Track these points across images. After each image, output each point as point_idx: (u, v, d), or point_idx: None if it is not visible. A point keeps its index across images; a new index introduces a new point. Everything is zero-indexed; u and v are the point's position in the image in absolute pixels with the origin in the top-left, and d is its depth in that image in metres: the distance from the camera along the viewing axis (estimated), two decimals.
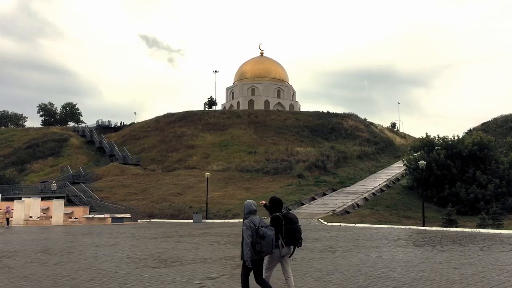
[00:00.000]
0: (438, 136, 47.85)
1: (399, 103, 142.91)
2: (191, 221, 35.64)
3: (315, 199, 43.29)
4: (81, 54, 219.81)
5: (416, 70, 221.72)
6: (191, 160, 59.17)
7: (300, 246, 7.29)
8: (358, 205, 40.25)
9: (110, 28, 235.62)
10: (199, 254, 14.48)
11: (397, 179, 50.75)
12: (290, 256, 7.32)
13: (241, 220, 35.14)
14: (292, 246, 7.19)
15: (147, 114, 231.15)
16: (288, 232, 7.08)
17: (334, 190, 46.89)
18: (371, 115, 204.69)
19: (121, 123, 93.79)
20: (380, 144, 69.35)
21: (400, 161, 52.32)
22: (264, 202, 7.85)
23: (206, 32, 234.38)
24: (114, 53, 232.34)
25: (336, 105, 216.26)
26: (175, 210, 40.65)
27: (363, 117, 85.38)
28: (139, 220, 37.57)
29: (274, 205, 7.51)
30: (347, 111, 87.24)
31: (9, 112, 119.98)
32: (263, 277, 7.22)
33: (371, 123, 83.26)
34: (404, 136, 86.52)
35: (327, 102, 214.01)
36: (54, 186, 47.68)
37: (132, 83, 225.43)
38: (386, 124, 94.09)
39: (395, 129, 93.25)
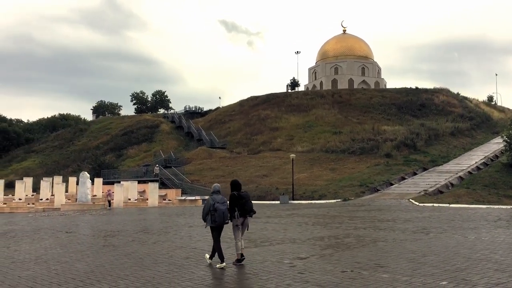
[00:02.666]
0: None
1: (496, 75, 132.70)
2: (278, 202, 36.06)
3: (405, 179, 41.75)
4: (165, 43, 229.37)
5: None
6: (276, 142, 59.62)
7: (251, 216, 9.56)
8: (452, 185, 38.20)
9: (190, 16, 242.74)
10: (288, 235, 14.62)
11: (496, 156, 47.32)
12: (243, 224, 9.46)
13: (327, 201, 34.97)
14: (247, 216, 9.45)
15: (230, 98, 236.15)
16: (240, 206, 9.33)
17: (425, 169, 44.89)
18: (464, 89, 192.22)
19: (204, 110, 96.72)
20: (475, 119, 64.98)
21: (499, 136, 48.71)
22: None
23: (285, 12, 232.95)
24: (195, 40, 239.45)
25: (424, 79, 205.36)
26: (262, 191, 41.32)
27: (455, 92, 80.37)
28: None
29: (233, 186, 9.58)
30: (436, 86, 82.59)
31: (106, 102, 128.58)
32: (236, 241, 9.55)
33: (465, 98, 78.07)
34: (502, 110, 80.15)
35: (414, 77, 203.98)
36: (156, 169, 50.22)
37: (213, 68, 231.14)
38: (482, 97, 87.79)
39: (493, 103, 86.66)
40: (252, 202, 10.07)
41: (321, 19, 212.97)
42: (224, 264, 9.23)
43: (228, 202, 9.43)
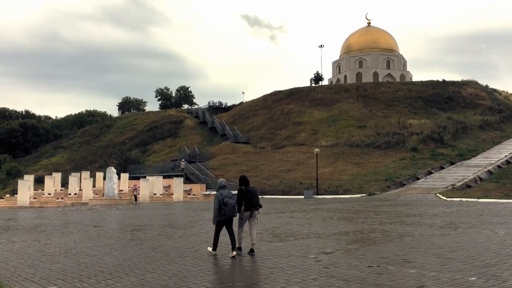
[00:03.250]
0: None
1: None
2: (302, 197, 35.96)
3: (432, 173, 41.05)
4: (188, 38, 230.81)
5: None
6: (300, 136, 59.38)
7: (257, 210, 10.04)
8: (480, 179, 37.39)
9: (213, 11, 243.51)
10: (313, 229, 14.58)
11: None
12: (251, 217, 10.05)
13: (352, 195, 34.72)
14: (253, 210, 9.98)
15: (253, 93, 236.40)
16: (247, 200, 9.88)
17: (452, 163, 44.03)
18: (492, 81, 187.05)
19: (228, 105, 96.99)
20: (504, 112, 63.26)
21: None
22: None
23: (308, 6, 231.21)
24: (218, 35, 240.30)
25: (451, 72, 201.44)
26: (286, 186, 41.25)
27: (483, 84, 78.38)
28: None
29: (241, 181, 10.23)
30: (464, 78, 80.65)
31: (131, 98, 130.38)
32: (237, 232, 10.19)
33: (494, 90, 76.14)
34: None
35: (440, 70, 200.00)
36: (183, 164, 50.72)
37: (236, 63, 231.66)
38: (511, 90, 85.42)
39: None
40: (276, 197, 10.17)
41: (345, 12, 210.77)
42: (214, 251, 10.06)
43: (236, 196, 10.02)
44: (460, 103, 66.45)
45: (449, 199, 29.15)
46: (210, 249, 10.26)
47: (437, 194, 31.60)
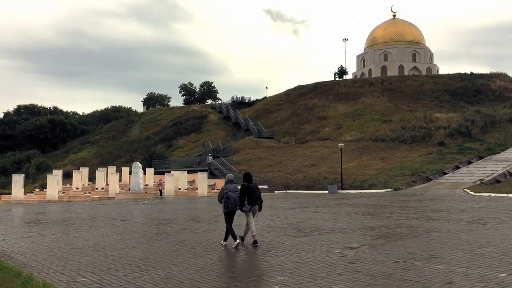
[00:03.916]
0: None
1: None
2: (326, 192, 35.77)
3: (459, 168, 40.26)
4: (210, 34, 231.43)
5: None
6: (324, 131, 59.00)
7: (257, 205, 10.61)
8: (510, 174, 36.49)
9: (235, 6, 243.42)
10: (337, 224, 14.49)
11: None
12: (250, 211, 10.60)
13: (377, 190, 34.36)
14: (253, 204, 10.55)
15: (276, 87, 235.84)
16: (249, 195, 10.47)
17: (481, 157, 43.09)
18: None
19: (251, 100, 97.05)
20: None
21: None
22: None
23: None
24: (240, 30, 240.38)
25: (478, 64, 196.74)
26: (310, 181, 41.10)
27: None
28: (275, 191, 38.85)
29: (245, 178, 10.80)
30: (493, 71, 78.60)
31: (156, 94, 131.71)
32: (249, 225, 10.74)
33: None
34: None
35: (468, 62, 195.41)
36: (209, 159, 51.00)
37: (258, 58, 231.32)
38: None
39: None
40: (300, 191, 10.19)
41: (370, 5, 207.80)
42: (237, 241, 10.42)
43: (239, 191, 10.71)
44: (489, 96, 64.93)
45: (477, 194, 28.55)
46: (230, 242, 10.66)
47: (465, 189, 30.99)
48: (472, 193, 29.24)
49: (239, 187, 10.69)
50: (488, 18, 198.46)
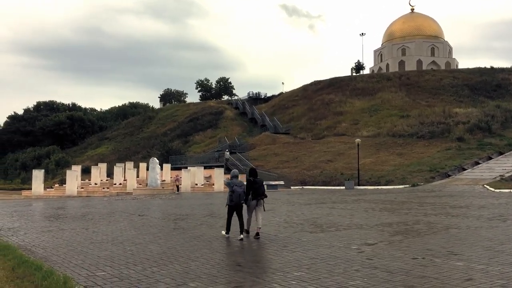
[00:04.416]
0: None
1: None
2: (343, 187, 35.60)
3: (479, 163, 39.65)
4: (226, 30, 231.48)
5: None
6: (340, 127, 58.67)
7: (262, 199, 11.13)
8: None
9: (251, 2, 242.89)
10: (354, 220, 14.41)
11: None
12: (257, 205, 11.10)
13: (395, 186, 34.08)
14: (258, 199, 11.02)
15: (292, 83, 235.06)
16: (254, 190, 10.94)
17: (501, 153, 42.36)
18: None
19: (267, 96, 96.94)
20: None
21: None
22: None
23: None
24: (256, 25, 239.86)
25: (499, 58, 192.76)
26: (327, 177, 40.94)
27: None
28: (292, 187, 38.80)
29: (251, 173, 11.35)
30: None
31: (172, 90, 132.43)
32: (246, 219, 11.30)
33: None
34: None
35: (488, 56, 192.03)
36: (227, 154, 51.16)
37: (274, 53, 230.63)
38: None
39: None
40: (316, 187, 10.17)
41: None
42: (228, 234, 11.23)
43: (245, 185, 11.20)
44: (510, 90, 63.77)
45: (498, 190, 28.11)
46: (223, 232, 11.44)
47: (485, 185, 30.53)
48: (492, 189, 28.81)
49: (244, 182, 11.24)
50: (509, 11, 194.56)
